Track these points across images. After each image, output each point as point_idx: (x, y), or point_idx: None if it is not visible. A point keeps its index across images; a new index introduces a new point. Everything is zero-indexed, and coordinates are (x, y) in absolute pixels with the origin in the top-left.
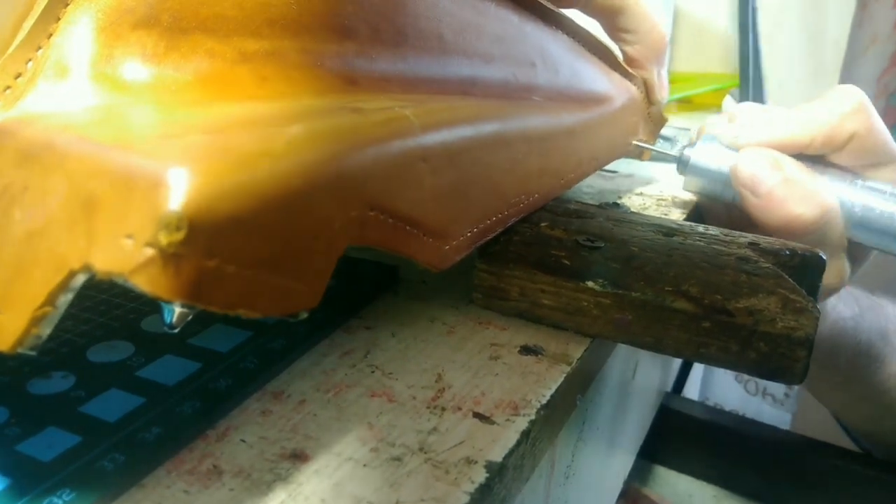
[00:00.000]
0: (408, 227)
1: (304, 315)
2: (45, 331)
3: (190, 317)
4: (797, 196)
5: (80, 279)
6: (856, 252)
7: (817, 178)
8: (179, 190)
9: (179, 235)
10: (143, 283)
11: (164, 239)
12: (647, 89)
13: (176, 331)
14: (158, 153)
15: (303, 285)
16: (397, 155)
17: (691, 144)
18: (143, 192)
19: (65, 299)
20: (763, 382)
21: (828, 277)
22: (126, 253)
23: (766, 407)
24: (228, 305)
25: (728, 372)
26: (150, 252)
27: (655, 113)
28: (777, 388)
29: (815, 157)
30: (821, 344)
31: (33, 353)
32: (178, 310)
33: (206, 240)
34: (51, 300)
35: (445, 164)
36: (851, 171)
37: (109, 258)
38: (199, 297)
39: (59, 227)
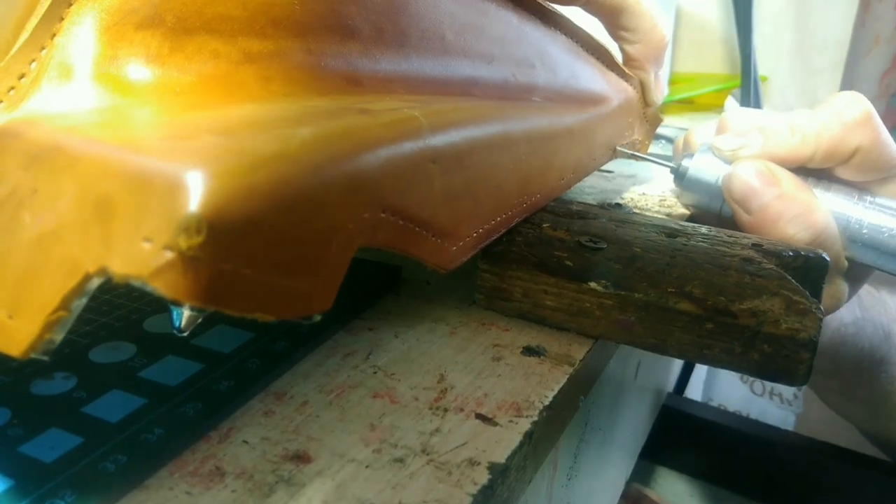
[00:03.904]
0: (417, 229)
1: (318, 318)
2: (59, 336)
3: (199, 320)
4: (791, 215)
5: (96, 283)
6: (856, 272)
7: (818, 196)
8: (197, 192)
9: (199, 238)
10: (163, 287)
11: (183, 242)
12: (644, 90)
13: (185, 334)
14: (172, 155)
15: (317, 287)
16: (408, 156)
17: (690, 155)
18: (159, 194)
19: (79, 303)
20: (770, 383)
21: (822, 300)
22: (144, 256)
23: (772, 407)
24: (245, 308)
25: (732, 372)
26: (169, 255)
27: (651, 113)
28: (787, 389)
29: (819, 172)
30: (823, 352)
31: (45, 357)
32: (187, 313)
33: (224, 243)
34: (65, 304)
35: (454, 165)
36: (859, 188)
37: (127, 261)
38: (216, 300)
39: (71, 231)
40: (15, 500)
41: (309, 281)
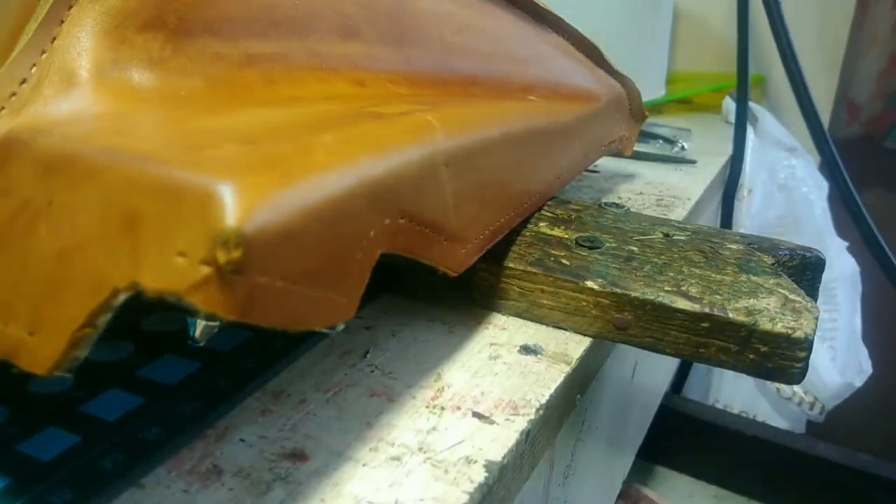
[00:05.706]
0: (432, 233)
1: (342, 327)
2: (85, 352)
3: (215, 330)
4: None
5: (123, 298)
6: None
7: None
8: (233, 205)
9: (237, 253)
10: (200, 302)
11: (222, 257)
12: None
13: (201, 344)
14: (199, 166)
15: (342, 297)
16: (424, 160)
17: None
18: (192, 207)
19: (104, 319)
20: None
21: None
22: (179, 271)
23: (790, 408)
24: (277, 321)
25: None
26: (206, 270)
27: (636, 110)
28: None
29: None
30: None
31: (69, 375)
32: (203, 323)
33: (261, 256)
34: (91, 321)
35: (464, 168)
36: None
37: (160, 276)
38: (252, 314)
39: (96, 245)
40: (13, 498)
41: (335, 290)
